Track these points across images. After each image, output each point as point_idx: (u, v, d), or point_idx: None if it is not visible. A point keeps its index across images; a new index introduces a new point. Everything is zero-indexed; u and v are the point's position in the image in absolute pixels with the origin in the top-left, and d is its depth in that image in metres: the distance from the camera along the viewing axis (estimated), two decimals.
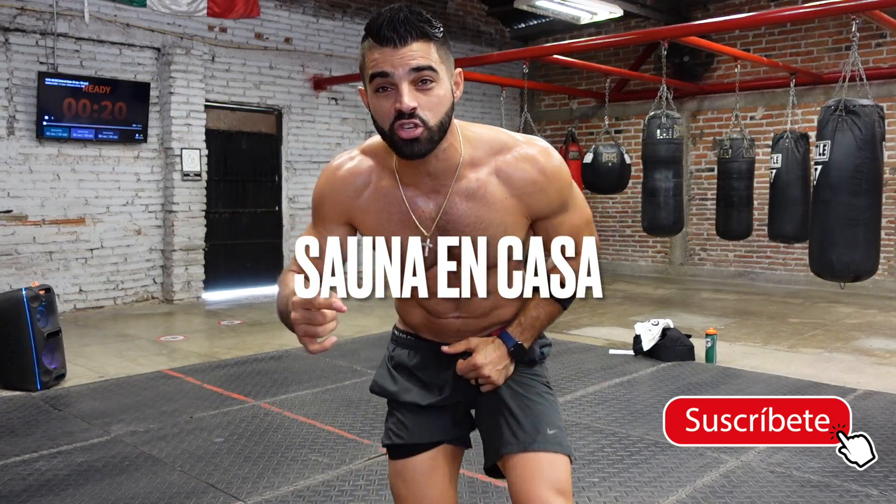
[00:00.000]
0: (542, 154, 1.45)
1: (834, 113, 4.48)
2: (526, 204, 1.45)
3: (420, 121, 1.30)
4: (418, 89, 1.30)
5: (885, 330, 5.95)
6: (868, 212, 4.50)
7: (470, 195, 1.42)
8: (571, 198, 1.50)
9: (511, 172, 1.43)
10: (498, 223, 1.43)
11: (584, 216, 1.54)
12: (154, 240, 7.43)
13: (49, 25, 6.59)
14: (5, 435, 3.49)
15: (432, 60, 1.30)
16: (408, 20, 1.29)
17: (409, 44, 1.28)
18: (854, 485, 2.86)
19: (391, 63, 1.28)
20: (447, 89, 1.34)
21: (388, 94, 1.31)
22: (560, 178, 1.46)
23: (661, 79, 6.65)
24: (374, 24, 1.29)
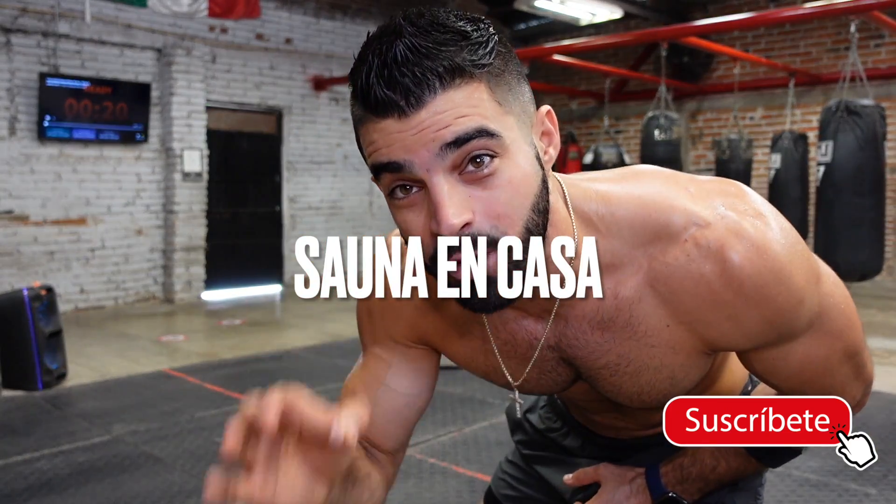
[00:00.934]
0: (741, 247, 0.76)
1: (835, 113, 4.50)
2: (703, 338, 0.82)
3: (487, 240, 0.70)
4: (469, 178, 0.70)
5: (884, 330, 5.96)
6: (872, 211, 4.53)
7: (604, 323, 0.83)
8: (806, 318, 0.81)
9: (676, 286, 0.78)
10: (657, 367, 0.85)
11: (837, 346, 0.86)
12: (155, 240, 7.44)
13: (50, 26, 6.60)
14: (7, 434, 3.50)
15: (484, 114, 0.69)
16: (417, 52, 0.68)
17: (431, 98, 0.68)
18: (853, 484, 2.87)
19: (403, 145, 0.69)
20: (528, 156, 0.73)
21: (411, 201, 0.72)
22: (774, 294, 0.76)
23: (660, 79, 6.67)
24: (357, 73, 0.70)
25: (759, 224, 0.77)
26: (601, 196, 0.81)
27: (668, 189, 0.80)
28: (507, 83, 0.72)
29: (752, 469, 0.99)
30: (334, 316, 6.51)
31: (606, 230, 0.80)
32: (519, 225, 0.71)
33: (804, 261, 0.79)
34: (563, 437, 1.15)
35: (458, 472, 2.97)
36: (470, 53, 0.69)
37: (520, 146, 0.72)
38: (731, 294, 0.77)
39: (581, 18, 8.51)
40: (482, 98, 0.69)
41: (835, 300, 0.84)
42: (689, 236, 0.77)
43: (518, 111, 0.73)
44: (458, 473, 2.95)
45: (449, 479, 2.93)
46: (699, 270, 0.77)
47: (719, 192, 0.80)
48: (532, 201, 0.72)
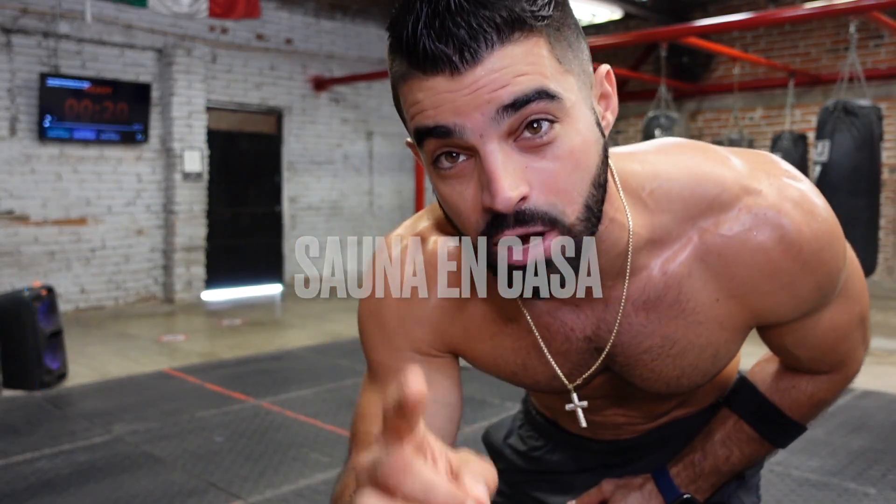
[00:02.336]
0: (796, 212, 0.74)
1: (832, 114, 4.51)
2: (753, 311, 0.79)
3: (543, 222, 0.63)
4: (525, 146, 0.62)
5: (882, 330, 5.97)
6: (867, 211, 4.54)
7: (649, 303, 0.78)
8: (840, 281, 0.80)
9: (730, 257, 0.75)
10: (702, 346, 0.80)
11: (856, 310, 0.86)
12: (155, 240, 7.45)
13: (51, 26, 6.61)
14: (7, 434, 3.51)
15: (544, 73, 0.61)
16: (471, 0, 0.59)
17: (488, 54, 0.60)
18: (852, 483, 2.88)
19: (453, 107, 0.61)
20: (589, 122, 0.66)
21: (459, 170, 0.64)
22: (827, 258, 0.76)
23: (660, 79, 6.68)
24: (401, 24, 0.61)
25: (803, 188, 0.75)
26: (650, 170, 0.76)
27: (713, 161, 0.77)
28: (566, 38, 0.65)
29: (763, 452, 0.97)
30: (334, 316, 6.52)
31: (656, 205, 0.75)
32: (578, 202, 0.64)
33: (838, 223, 0.78)
34: (550, 455, 1.08)
35: None
36: (529, 3, 0.61)
37: (580, 110, 0.65)
38: (789, 261, 0.74)
39: (581, 19, 8.51)
40: (542, 54, 0.61)
41: (854, 264, 0.84)
42: (742, 205, 0.74)
43: (578, 70, 0.66)
44: None
45: None
46: (756, 239, 0.74)
47: (763, 162, 0.78)
48: (593, 174, 0.65)
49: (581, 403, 0.83)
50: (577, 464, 1.06)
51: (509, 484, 1.12)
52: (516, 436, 1.14)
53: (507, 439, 1.15)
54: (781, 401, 0.93)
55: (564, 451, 1.07)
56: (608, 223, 0.71)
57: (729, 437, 0.94)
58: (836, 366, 0.90)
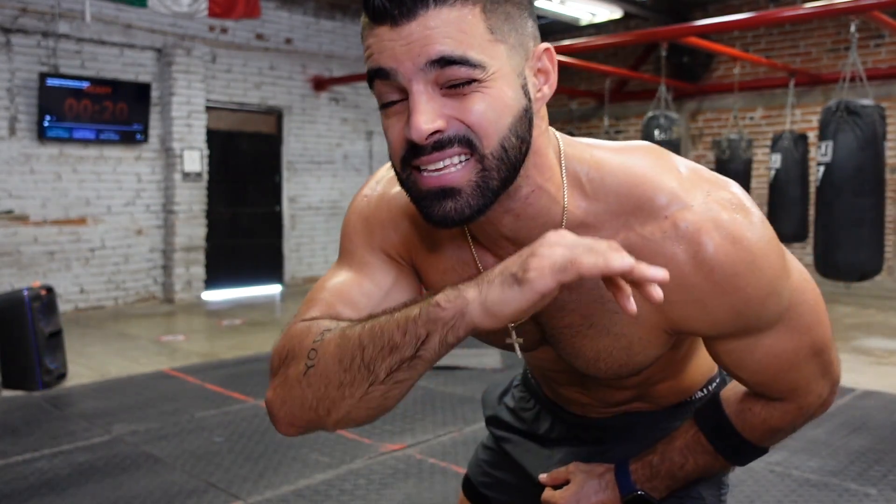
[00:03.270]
0: (716, 233, 0.77)
1: (835, 113, 4.50)
2: (667, 317, 0.83)
3: (460, 144, 0.72)
4: (448, 93, 0.72)
5: (883, 330, 5.96)
6: (872, 211, 4.53)
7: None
8: (773, 311, 0.82)
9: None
10: (616, 334, 0.87)
11: (804, 342, 0.87)
12: (155, 240, 7.44)
13: (50, 26, 6.61)
14: (7, 434, 3.50)
15: (470, 42, 0.70)
16: None
17: (423, 13, 0.70)
18: (853, 484, 2.88)
19: (392, 54, 0.72)
20: (513, 85, 0.73)
21: (396, 109, 0.75)
22: (744, 284, 0.78)
23: (660, 79, 6.67)
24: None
25: (739, 216, 0.78)
26: (595, 161, 0.83)
27: (660, 167, 0.82)
28: (505, 11, 0.73)
29: (718, 467, 1.00)
30: None
31: (593, 193, 0.82)
32: (494, 138, 0.72)
33: (777, 256, 0.81)
34: (535, 417, 1.18)
35: (458, 472, 2.96)
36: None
37: (505, 75, 0.73)
38: (699, 278, 0.78)
39: (581, 18, 8.51)
40: (474, 23, 0.71)
41: (805, 297, 0.86)
42: (669, 214, 0.79)
43: (513, 41, 0.74)
44: (458, 473, 2.95)
45: (449, 479, 2.93)
46: (672, 250, 0.78)
47: (708, 181, 0.81)
48: (510, 122, 0.73)
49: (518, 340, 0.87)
50: (554, 431, 1.15)
51: (496, 438, 1.24)
52: (511, 393, 1.25)
53: (503, 396, 1.27)
54: (737, 421, 0.96)
55: (546, 416, 1.16)
56: (535, 188, 0.79)
57: (688, 446, 0.98)
58: (787, 395, 0.92)
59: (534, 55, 0.77)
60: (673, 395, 1.06)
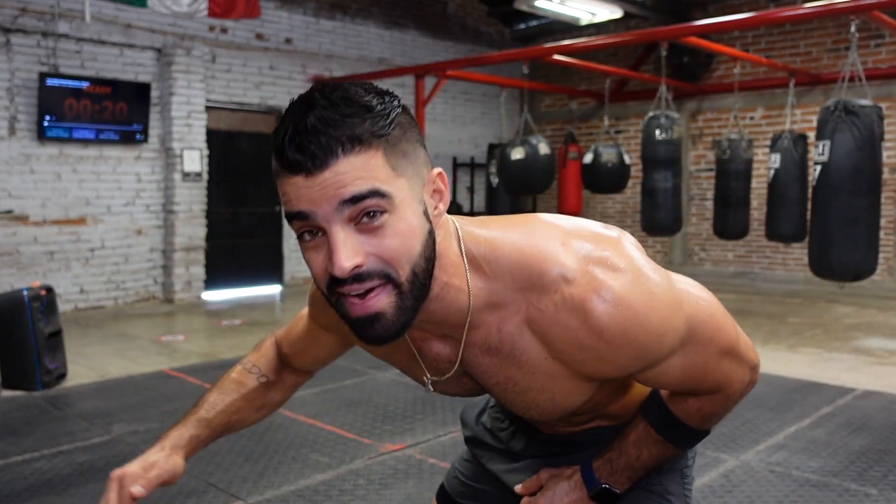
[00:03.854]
0: (599, 302, 0.87)
1: (833, 113, 4.49)
2: (579, 371, 0.95)
3: (378, 277, 0.82)
4: (363, 229, 0.81)
5: (883, 330, 5.96)
6: (867, 212, 4.51)
7: (491, 351, 0.96)
8: (670, 343, 0.92)
9: (547, 329, 0.90)
10: (538, 389, 0.98)
11: (712, 350, 0.97)
12: (155, 240, 7.44)
13: (50, 26, 6.60)
14: (6, 434, 3.50)
15: (377, 178, 0.80)
16: (324, 122, 0.79)
17: (333, 162, 0.79)
18: (853, 484, 2.88)
19: (309, 198, 0.80)
20: (416, 212, 0.83)
21: (315, 243, 0.83)
22: (634, 336, 0.88)
23: (660, 79, 6.67)
24: (276, 134, 0.82)
25: (620, 277, 0.88)
26: (488, 242, 0.92)
27: (546, 240, 0.91)
28: (402, 150, 0.83)
29: (670, 453, 1.10)
30: None
31: (492, 274, 0.91)
32: (406, 267, 0.83)
33: (663, 300, 0.90)
34: (511, 436, 1.28)
35: None
36: (371, 125, 0.80)
37: (409, 203, 0.83)
38: (594, 340, 0.89)
39: (581, 18, 8.51)
40: (377, 164, 0.80)
41: (699, 316, 0.95)
42: (557, 289, 0.88)
43: (411, 173, 0.84)
44: None
45: None
46: (566, 320, 0.89)
47: (591, 246, 0.91)
48: (419, 249, 0.83)
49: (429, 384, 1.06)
50: (529, 448, 1.25)
51: (475, 454, 1.34)
52: (487, 414, 1.35)
53: (479, 416, 1.37)
54: (677, 411, 1.06)
55: (521, 434, 1.26)
56: (443, 286, 0.89)
57: (640, 438, 1.08)
58: (713, 390, 1.02)
59: (429, 180, 0.87)
60: (630, 411, 1.14)
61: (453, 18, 9.98)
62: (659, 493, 1.14)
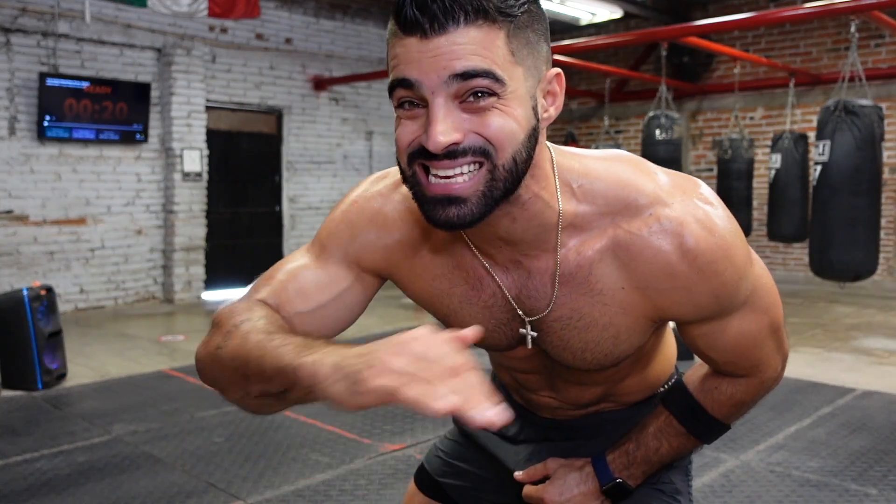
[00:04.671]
0: (696, 226, 0.86)
1: (833, 113, 4.49)
2: (655, 304, 0.91)
3: (475, 154, 0.77)
4: (467, 107, 0.76)
5: (884, 330, 5.96)
6: (868, 211, 4.52)
7: (563, 277, 0.91)
8: (743, 294, 0.92)
9: (636, 253, 0.88)
10: (605, 325, 0.93)
11: (765, 321, 0.97)
12: (155, 240, 7.44)
13: (50, 26, 6.60)
14: (7, 434, 3.50)
15: (494, 60, 0.75)
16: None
17: (453, 29, 0.74)
18: (853, 484, 2.87)
19: (418, 65, 0.75)
20: (525, 106, 0.79)
21: (414, 113, 0.78)
22: (722, 270, 0.87)
23: (660, 79, 6.67)
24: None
25: (711, 209, 0.88)
26: (584, 168, 0.90)
27: (640, 173, 0.91)
28: (525, 37, 0.78)
29: (690, 447, 1.08)
30: None
31: (583, 197, 0.89)
32: (508, 151, 0.78)
33: (743, 244, 0.90)
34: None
35: None
36: (501, 1, 0.75)
37: (520, 95, 0.78)
38: (685, 266, 0.87)
39: (581, 18, 8.51)
40: (497, 44, 0.75)
41: (763, 280, 0.96)
42: (652, 212, 0.87)
43: (529, 65, 0.79)
44: None
45: None
46: (658, 243, 0.87)
47: (681, 183, 0.91)
48: (520, 141, 0.78)
49: (532, 333, 0.97)
50: (523, 433, 1.20)
51: (465, 435, 1.29)
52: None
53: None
54: (705, 400, 1.04)
55: (516, 419, 1.20)
56: (533, 196, 0.85)
57: (660, 430, 1.06)
58: (751, 370, 1.01)
59: (545, 78, 0.83)
60: (638, 392, 1.13)
61: None
62: (669, 492, 1.12)
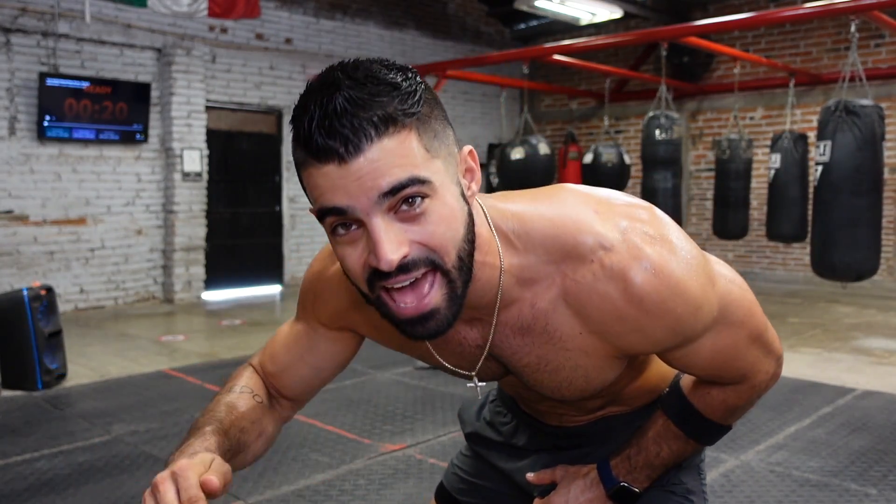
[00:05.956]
0: (639, 270, 0.84)
1: (834, 113, 4.49)
2: (613, 345, 0.91)
3: (424, 265, 0.78)
4: (403, 217, 0.76)
5: (883, 330, 5.96)
6: (869, 212, 4.51)
7: (524, 329, 0.92)
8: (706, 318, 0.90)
9: (584, 300, 0.87)
10: (572, 367, 0.94)
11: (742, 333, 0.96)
12: (155, 240, 7.44)
13: (50, 26, 6.60)
14: (7, 434, 3.50)
15: (414, 163, 0.75)
16: (353, 103, 0.73)
17: (367, 146, 0.73)
18: (853, 484, 2.87)
19: (345, 191, 0.74)
20: (454, 194, 0.79)
21: (351, 237, 0.78)
22: (672, 307, 0.86)
23: (660, 79, 6.67)
24: (299, 122, 0.76)
25: (658, 247, 0.86)
26: (517, 216, 0.89)
27: (578, 210, 0.88)
28: (432, 129, 0.78)
29: (690, 450, 1.07)
30: None
31: (524, 248, 0.88)
32: (453, 253, 0.78)
33: (699, 272, 0.88)
34: (513, 431, 1.24)
35: None
36: (400, 103, 0.75)
37: (447, 186, 0.78)
38: (633, 310, 0.86)
39: (581, 18, 8.50)
40: (412, 146, 0.75)
41: (732, 296, 0.94)
42: (595, 258, 0.86)
43: (444, 154, 0.79)
44: None
45: None
46: (605, 289, 0.85)
47: (625, 215, 0.88)
48: (462, 233, 0.79)
49: (480, 384, 1.02)
50: (532, 442, 1.21)
51: (475, 450, 1.31)
52: (488, 408, 1.31)
53: (480, 411, 1.32)
54: (699, 404, 1.04)
55: (524, 428, 1.22)
56: (480, 266, 0.85)
57: (659, 434, 1.06)
58: (739, 378, 1.00)
59: (461, 159, 0.83)
60: (643, 395, 1.13)
61: (453, 18, 9.98)
62: (681, 493, 1.11)
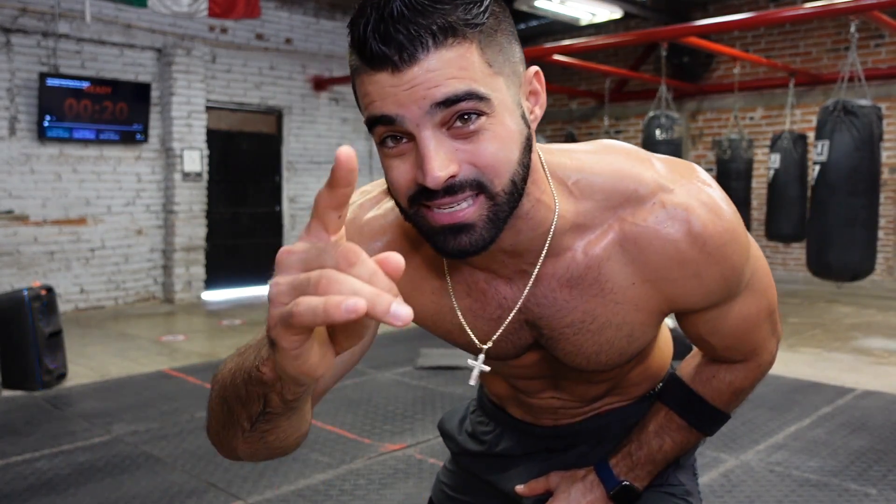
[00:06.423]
0: (702, 211, 0.84)
1: (832, 113, 4.50)
2: (666, 296, 0.88)
3: (470, 187, 0.73)
4: (456, 133, 0.71)
5: (883, 330, 5.96)
6: (865, 211, 4.52)
7: (573, 281, 0.87)
8: (747, 276, 0.90)
9: (644, 245, 0.85)
10: (619, 324, 0.90)
11: (763, 303, 0.96)
12: (155, 240, 7.44)
13: (50, 26, 6.61)
14: (7, 434, 3.50)
15: (473, 77, 0.70)
16: (412, 9, 0.68)
17: (423, 56, 0.69)
18: (853, 484, 2.88)
19: (395, 100, 0.70)
20: (514, 115, 0.75)
21: (400, 150, 0.73)
22: (730, 253, 0.85)
23: (660, 79, 6.67)
24: (355, 25, 0.71)
25: (712, 192, 0.86)
26: (576, 164, 0.87)
27: (635, 162, 0.88)
28: (498, 43, 0.74)
29: (693, 440, 1.05)
30: None
31: (580, 194, 0.85)
32: (505, 176, 0.74)
33: (743, 227, 0.89)
34: (496, 440, 1.17)
35: None
36: (464, 12, 0.70)
37: (507, 106, 0.74)
38: (696, 251, 0.84)
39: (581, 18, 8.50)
40: (473, 59, 0.70)
41: (760, 262, 0.95)
42: (656, 200, 0.84)
43: (508, 72, 0.75)
44: None
45: None
46: (667, 231, 0.84)
47: (678, 167, 0.89)
48: (517, 156, 0.74)
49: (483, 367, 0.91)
50: (522, 448, 1.15)
51: (460, 465, 1.24)
52: (469, 420, 1.25)
53: (461, 423, 1.25)
54: (704, 390, 1.03)
55: (511, 435, 1.15)
56: (534, 202, 0.81)
57: (661, 427, 1.04)
58: (749, 355, 1.00)
59: (525, 80, 0.79)
60: (643, 382, 1.10)
61: None
62: (681, 494, 1.09)
